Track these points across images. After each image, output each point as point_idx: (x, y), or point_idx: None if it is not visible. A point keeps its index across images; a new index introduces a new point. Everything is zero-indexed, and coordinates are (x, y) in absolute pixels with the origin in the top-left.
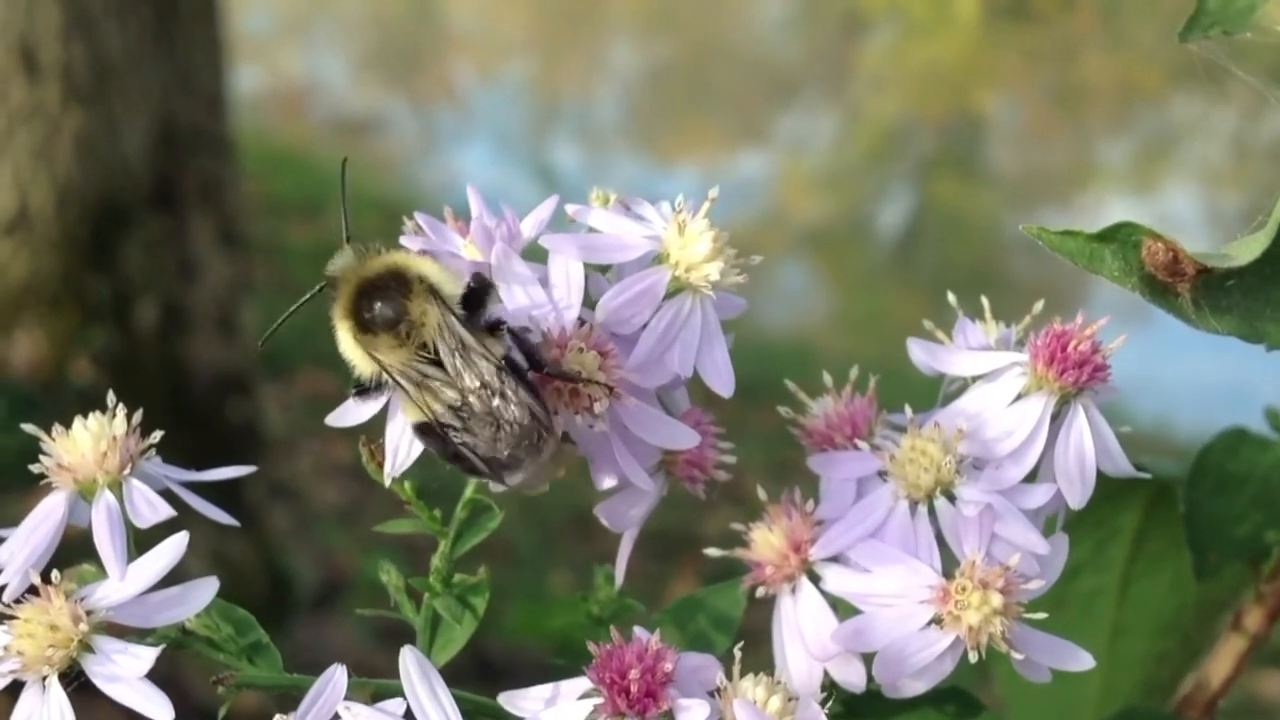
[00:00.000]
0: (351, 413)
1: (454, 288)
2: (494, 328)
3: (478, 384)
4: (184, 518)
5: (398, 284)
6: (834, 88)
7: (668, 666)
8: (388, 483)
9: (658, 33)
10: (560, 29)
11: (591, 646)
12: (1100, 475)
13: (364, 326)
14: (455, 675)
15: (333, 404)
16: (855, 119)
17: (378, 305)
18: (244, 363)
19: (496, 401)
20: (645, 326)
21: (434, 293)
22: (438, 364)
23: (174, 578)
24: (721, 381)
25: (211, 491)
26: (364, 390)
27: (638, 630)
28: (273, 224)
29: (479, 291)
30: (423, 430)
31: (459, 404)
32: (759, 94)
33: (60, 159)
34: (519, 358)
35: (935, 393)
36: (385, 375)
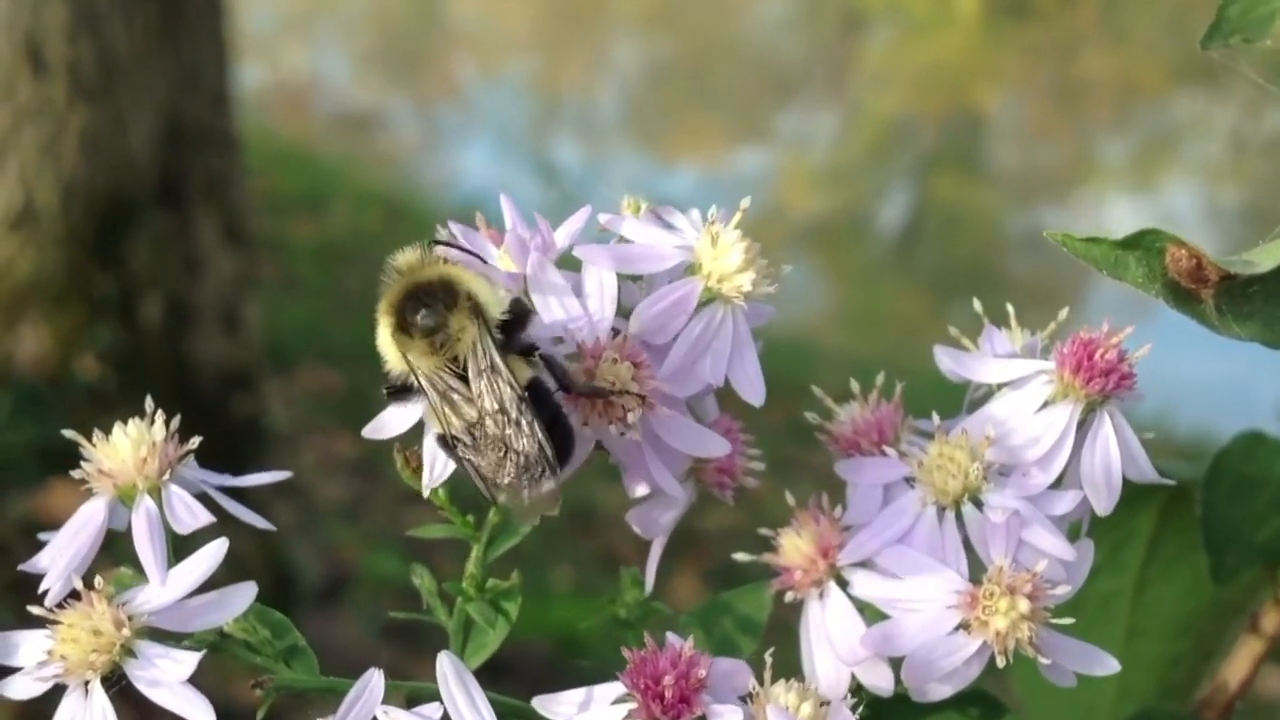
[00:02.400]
0: (389, 426)
1: (498, 310)
2: (527, 351)
3: (496, 408)
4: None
5: (445, 294)
6: (834, 85)
7: (701, 672)
8: (426, 493)
9: (659, 31)
10: (562, 27)
11: (626, 652)
12: None
13: (402, 327)
14: None
15: (336, 400)
16: (856, 116)
17: (421, 311)
18: (248, 358)
19: (509, 430)
20: (678, 336)
21: (477, 311)
22: (465, 379)
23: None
24: (753, 391)
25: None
26: (395, 390)
27: (670, 636)
28: (276, 220)
29: (520, 316)
30: (440, 441)
31: (475, 423)
32: (760, 91)
33: (66, 156)
34: (549, 380)
35: (937, 391)
36: (413, 378)
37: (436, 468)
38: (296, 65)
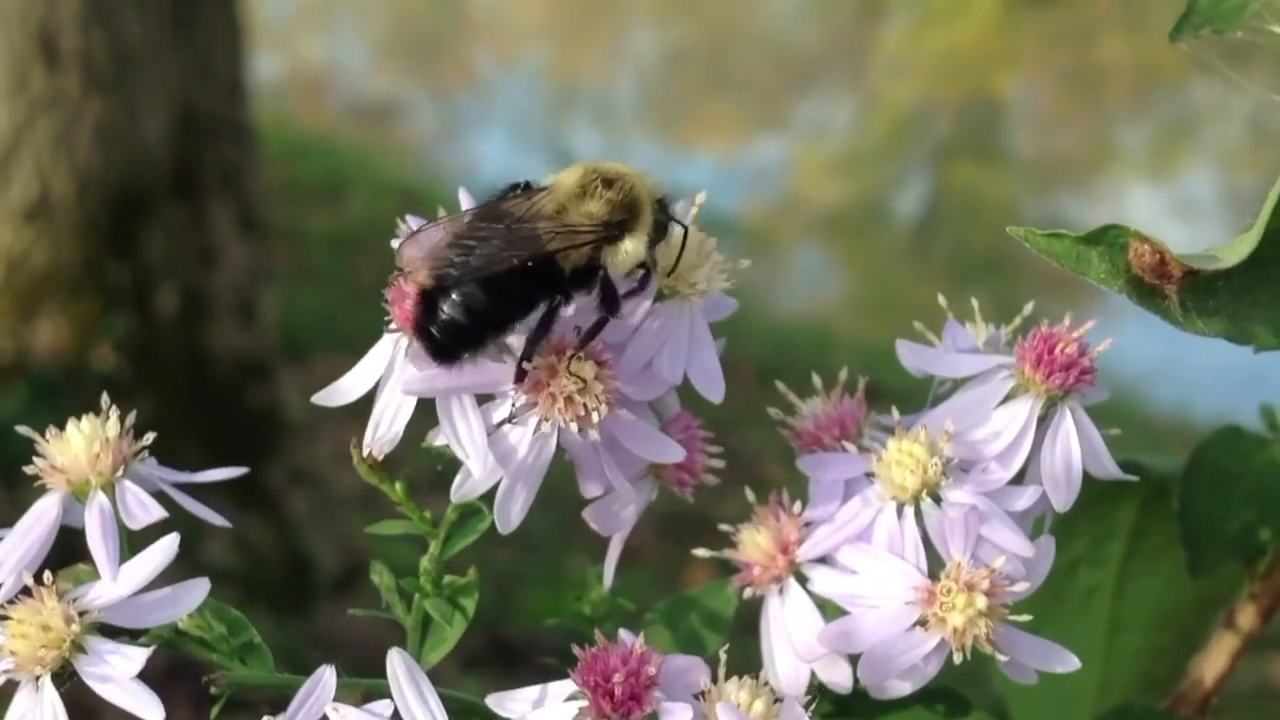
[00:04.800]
0: (340, 394)
1: (615, 266)
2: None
3: (517, 235)
4: (205, 502)
5: (624, 205)
6: (852, 72)
7: (651, 670)
8: (365, 451)
9: (675, 18)
10: (578, 14)
11: (576, 650)
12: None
13: (593, 174)
14: (472, 659)
15: None
16: (873, 103)
17: (608, 186)
18: (264, 348)
19: (495, 243)
20: (634, 332)
21: (607, 238)
22: (550, 217)
23: (196, 566)
24: (712, 387)
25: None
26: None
27: (623, 633)
28: (293, 210)
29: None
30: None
31: (503, 218)
32: (777, 79)
33: (81, 147)
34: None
35: None
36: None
37: (381, 428)
38: (313, 54)
